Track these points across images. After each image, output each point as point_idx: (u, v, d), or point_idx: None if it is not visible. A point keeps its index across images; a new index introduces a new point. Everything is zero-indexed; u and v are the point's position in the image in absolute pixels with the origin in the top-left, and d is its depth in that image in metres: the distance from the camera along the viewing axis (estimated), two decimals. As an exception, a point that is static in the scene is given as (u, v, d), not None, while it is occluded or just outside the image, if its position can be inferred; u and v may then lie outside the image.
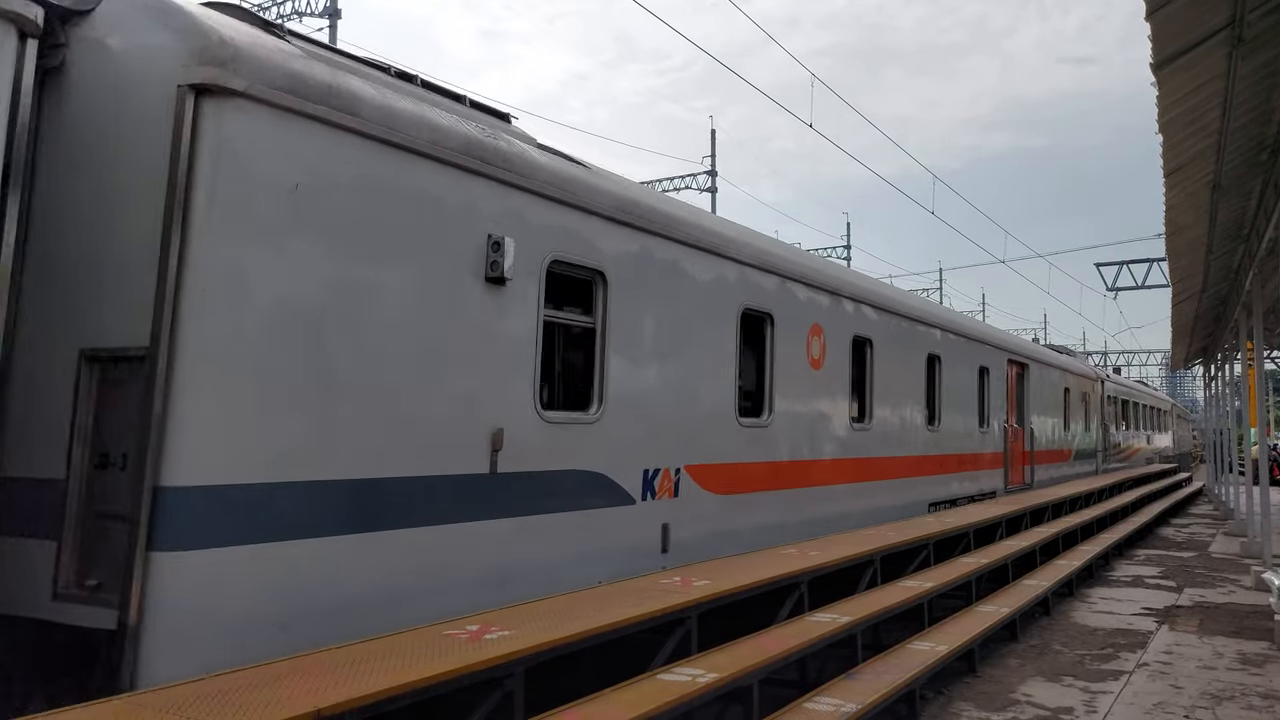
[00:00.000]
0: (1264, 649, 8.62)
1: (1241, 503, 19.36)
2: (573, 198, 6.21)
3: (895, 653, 6.66)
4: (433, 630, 4.55)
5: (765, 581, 6.28)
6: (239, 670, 3.81)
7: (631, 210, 6.78)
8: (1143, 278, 27.03)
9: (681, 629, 5.46)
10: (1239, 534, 17.81)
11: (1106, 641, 8.88)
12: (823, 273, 9.72)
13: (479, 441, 5.38)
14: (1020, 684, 7.35)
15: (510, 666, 4.19)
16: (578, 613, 5.02)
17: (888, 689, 5.71)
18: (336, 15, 21.40)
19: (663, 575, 6.29)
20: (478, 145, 5.50)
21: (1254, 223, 10.91)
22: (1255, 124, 8.05)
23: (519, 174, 5.78)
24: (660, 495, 6.92)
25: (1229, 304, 16.33)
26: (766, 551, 7.62)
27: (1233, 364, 20.71)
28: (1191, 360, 29.32)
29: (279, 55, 4.54)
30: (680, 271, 7.29)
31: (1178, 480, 27.94)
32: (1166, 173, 8.68)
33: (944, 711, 6.64)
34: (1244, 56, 6.37)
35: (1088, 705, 6.78)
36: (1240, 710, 6.68)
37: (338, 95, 4.73)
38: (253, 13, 4.88)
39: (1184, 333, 21.61)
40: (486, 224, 5.51)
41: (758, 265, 8.34)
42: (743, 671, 5.08)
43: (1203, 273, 14.00)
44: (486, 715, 4.16)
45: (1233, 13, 5.85)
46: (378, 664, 3.90)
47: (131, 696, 3.45)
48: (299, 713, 3.27)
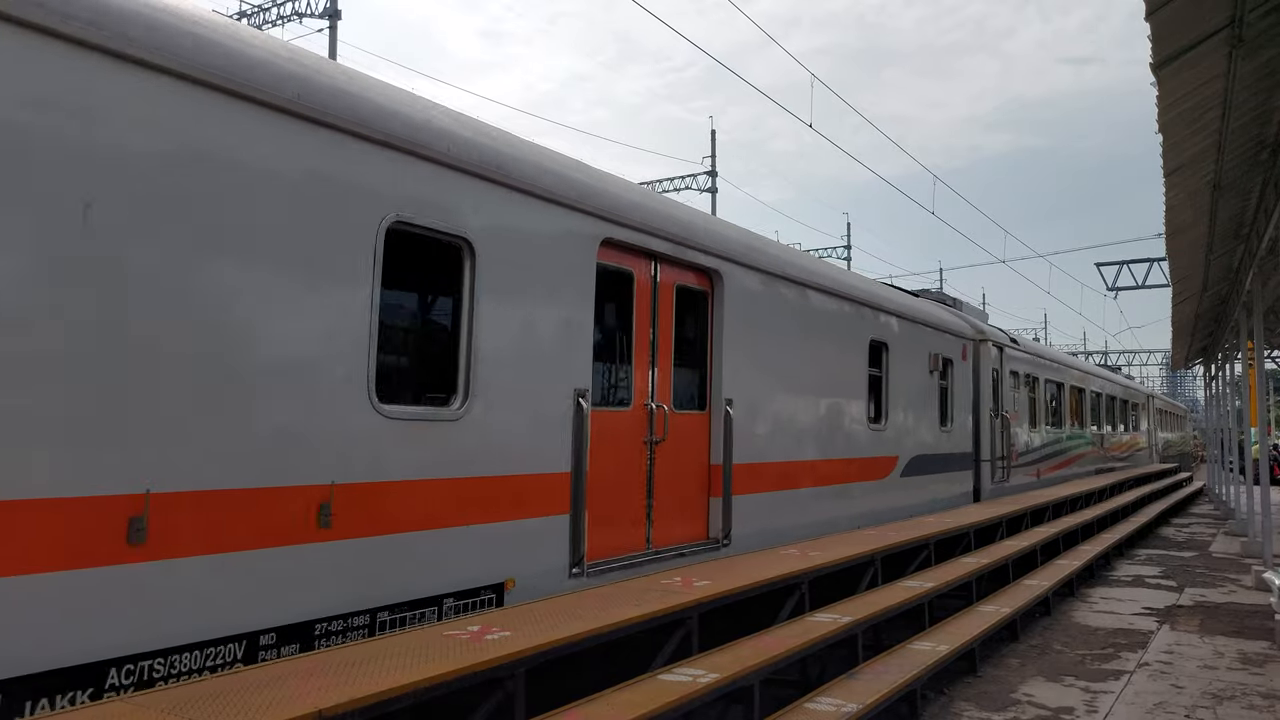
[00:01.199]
0: (1265, 649, 8.62)
1: (1242, 502, 19.35)
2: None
3: (896, 653, 6.66)
4: (434, 631, 4.55)
5: (766, 582, 6.28)
6: (240, 671, 3.81)
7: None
8: (1143, 277, 27.03)
9: (683, 629, 5.46)
10: (1240, 534, 17.81)
11: (1107, 641, 8.88)
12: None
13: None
14: (1021, 684, 7.35)
15: (511, 667, 4.19)
16: (579, 613, 5.02)
17: (889, 689, 5.72)
18: (336, 16, 21.41)
19: (663, 575, 6.30)
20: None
21: (1254, 222, 10.91)
22: (1255, 124, 8.05)
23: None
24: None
25: (1229, 303, 16.33)
26: (767, 552, 7.62)
27: (1233, 363, 20.70)
28: (1192, 360, 29.30)
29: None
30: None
31: (1178, 480, 27.93)
32: (1167, 172, 8.69)
33: (945, 711, 6.64)
34: (1244, 56, 6.37)
35: (1089, 705, 6.78)
36: (1241, 710, 6.68)
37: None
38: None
39: (1184, 332, 21.60)
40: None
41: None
42: (744, 671, 5.08)
43: (1203, 272, 14.00)
44: (487, 715, 4.16)
45: (1232, 13, 5.85)
46: (379, 664, 3.90)
47: (132, 697, 3.45)
48: (301, 713, 3.27)
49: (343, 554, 4.49)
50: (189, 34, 4.03)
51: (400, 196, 4.87)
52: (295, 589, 4.28)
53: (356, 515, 4.56)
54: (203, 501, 3.96)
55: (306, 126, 4.45)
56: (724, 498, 7.51)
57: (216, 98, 4.08)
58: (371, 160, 4.74)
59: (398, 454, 4.78)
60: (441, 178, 5.10)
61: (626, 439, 6.62)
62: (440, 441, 5.02)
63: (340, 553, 4.48)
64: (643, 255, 6.84)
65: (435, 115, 5.26)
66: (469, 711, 4.12)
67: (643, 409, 6.76)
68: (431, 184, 5.04)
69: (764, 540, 8.02)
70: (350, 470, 4.55)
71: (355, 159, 4.67)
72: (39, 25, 3.50)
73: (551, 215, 5.86)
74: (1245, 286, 12.45)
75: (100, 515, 3.63)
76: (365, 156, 4.72)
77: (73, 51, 3.61)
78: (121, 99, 3.75)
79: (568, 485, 5.85)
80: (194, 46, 4.02)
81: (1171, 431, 41.47)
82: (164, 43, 3.90)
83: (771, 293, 8.31)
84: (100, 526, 3.63)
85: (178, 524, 3.87)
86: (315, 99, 4.49)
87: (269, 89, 4.27)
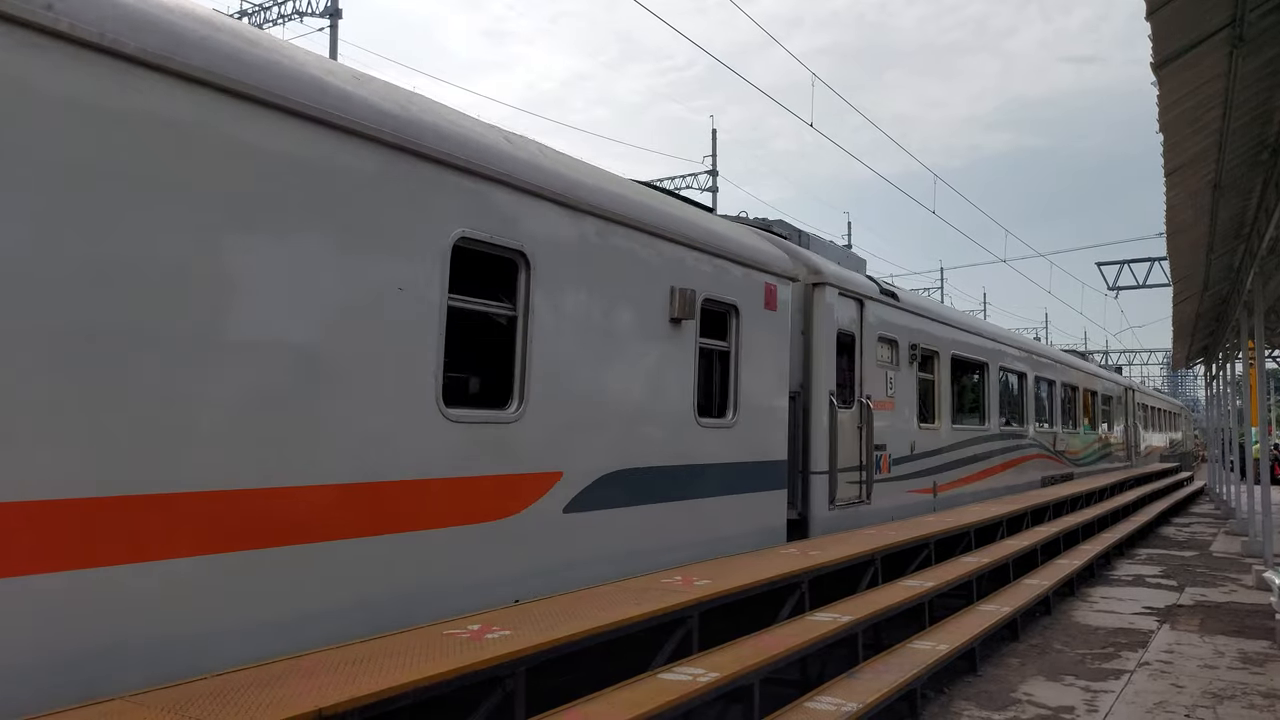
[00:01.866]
0: (1265, 648, 8.62)
1: (1243, 502, 19.35)
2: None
3: (896, 652, 6.66)
4: (434, 630, 4.56)
5: (766, 581, 6.29)
6: (240, 670, 3.82)
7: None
8: (1144, 277, 27.05)
9: (682, 628, 5.46)
10: (1240, 533, 17.80)
11: (1108, 640, 8.88)
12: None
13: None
14: (1021, 683, 7.36)
15: (511, 666, 4.20)
16: (579, 612, 5.02)
17: (889, 688, 5.72)
18: (337, 15, 21.41)
19: (664, 574, 6.30)
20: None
21: (1255, 222, 10.90)
22: (1256, 123, 8.04)
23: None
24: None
25: (1230, 303, 16.32)
26: (768, 552, 7.62)
27: (1234, 363, 20.70)
28: (1193, 359, 29.30)
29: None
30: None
31: (1179, 480, 27.94)
32: (1167, 172, 8.68)
33: (945, 711, 6.64)
34: (1244, 56, 6.37)
35: (1089, 704, 6.78)
36: (1241, 709, 6.68)
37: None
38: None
39: (1185, 332, 21.59)
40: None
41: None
42: (744, 671, 5.09)
43: (1204, 272, 14.00)
44: (488, 714, 4.16)
45: (1233, 12, 5.85)
46: (379, 663, 3.91)
47: (133, 695, 3.46)
48: (301, 712, 3.28)
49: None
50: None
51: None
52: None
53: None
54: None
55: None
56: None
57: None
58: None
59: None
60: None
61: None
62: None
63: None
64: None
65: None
66: (469, 710, 4.13)
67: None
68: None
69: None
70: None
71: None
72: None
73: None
74: (1246, 286, 12.45)
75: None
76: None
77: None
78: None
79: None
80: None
81: (1162, 431, 35.93)
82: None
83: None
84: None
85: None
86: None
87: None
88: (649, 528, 6.71)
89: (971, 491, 13.53)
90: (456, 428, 5.13)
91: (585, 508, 6.10)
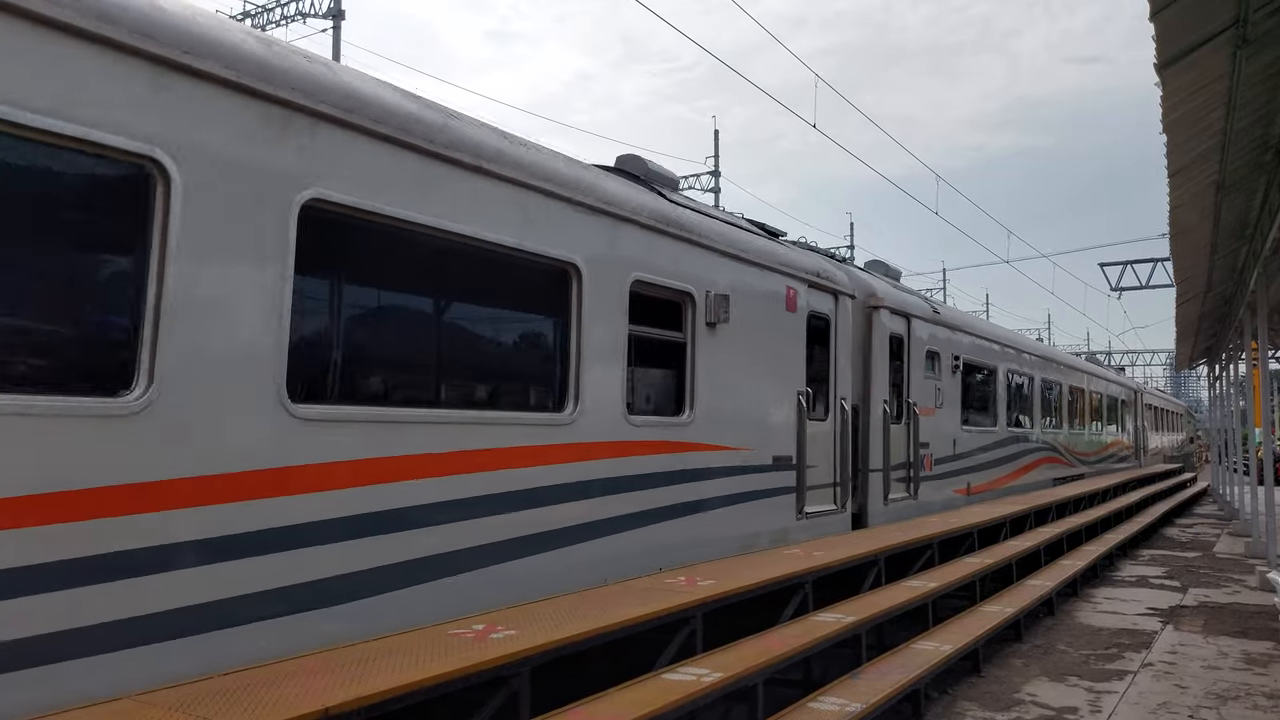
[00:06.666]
0: (1269, 649, 8.61)
1: (1246, 503, 19.33)
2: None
3: (900, 652, 6.66)
4: (439, 629, 4.57)
5: (769, 581, 6.29)
6: (246, 669, 3.83)
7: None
8: (1147, 278, 27.00)
9: (686, 629, 5.47)
10: (1244, 534, 17.78)
11: (1111, 641, 8.88)
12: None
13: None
14: (1025, 684, 7.35)
15: (516, 666, 4.21)
16: (583, 612, 5.03)
17: (892, 689, 5.72)
18: (340, 16, 21.45)
19: (667, 574, 6.31)
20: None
21: (1258, 222, 10.89)
22: (1259, 124, 8.04)
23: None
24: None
25: (1233, 304, 16.30)
26: (771, 552, 7.63)
27: (1237, 364, 20.68)
28: (1196, 360, 29.27)
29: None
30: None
31: (1182, 480, 27.92)
32: (1171, 173, 8.68)
33: (948, 711, 6.64)
34: (1248, 57, 6.37)
35: (1092, 705, 6.78)
36: (1245, 710, 6.68)
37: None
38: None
39: (1188, 333, 21.57)
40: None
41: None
42: (747, 671, 5.09)
43: (1207, 273, 13.99)
44: (492, 714, 4.17)
45: (1237, 13, 5.85)
46: (384, 663, 3.92)
47: (139, 695, 3.47)
48: (306, 711, 3.29)
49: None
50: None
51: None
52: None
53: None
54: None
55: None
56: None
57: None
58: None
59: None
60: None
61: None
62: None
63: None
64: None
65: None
66: (474, 709, 4.14)
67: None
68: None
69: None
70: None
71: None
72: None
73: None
74: (1249, 287, 12.44)
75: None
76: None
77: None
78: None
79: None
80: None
81: (1167, 433, 36.30)
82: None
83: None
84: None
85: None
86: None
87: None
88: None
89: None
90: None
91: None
